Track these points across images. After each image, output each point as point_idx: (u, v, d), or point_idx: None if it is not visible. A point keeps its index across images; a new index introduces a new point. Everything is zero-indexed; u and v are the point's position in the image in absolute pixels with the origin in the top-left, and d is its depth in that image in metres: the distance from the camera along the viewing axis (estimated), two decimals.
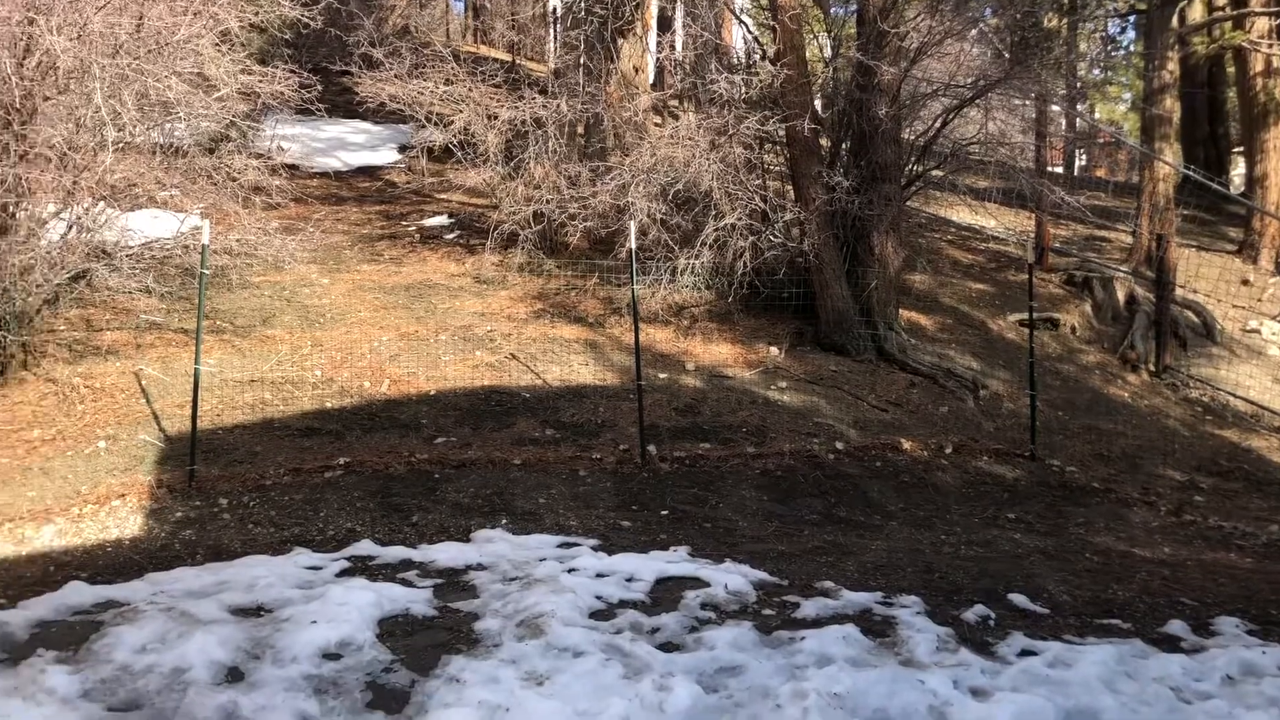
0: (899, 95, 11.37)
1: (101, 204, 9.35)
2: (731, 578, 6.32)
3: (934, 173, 13.07)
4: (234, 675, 4.93)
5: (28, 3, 7.78)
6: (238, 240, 9.95)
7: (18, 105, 8.24)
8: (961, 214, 17.32)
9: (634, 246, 9.33)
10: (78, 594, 5.88)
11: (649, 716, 4.64)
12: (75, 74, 8.46)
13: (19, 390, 8.84)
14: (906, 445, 9.38)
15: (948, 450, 9.47)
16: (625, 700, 4.71)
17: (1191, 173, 16.45)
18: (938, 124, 12.12)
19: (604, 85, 13.52)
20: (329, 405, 9.06)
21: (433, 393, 9.47)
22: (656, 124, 14.95)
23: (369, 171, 17.44)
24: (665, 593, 6.14)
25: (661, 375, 10.19)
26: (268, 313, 10.79)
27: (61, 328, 9.79)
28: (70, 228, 9.13)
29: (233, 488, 7.65)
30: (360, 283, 11.94)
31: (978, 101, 12.35)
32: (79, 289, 9.38)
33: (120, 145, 8.96)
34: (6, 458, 7.93)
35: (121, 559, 6.58)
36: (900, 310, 12.09)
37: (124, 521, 7.16)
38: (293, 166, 13.96)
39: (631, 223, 9.66)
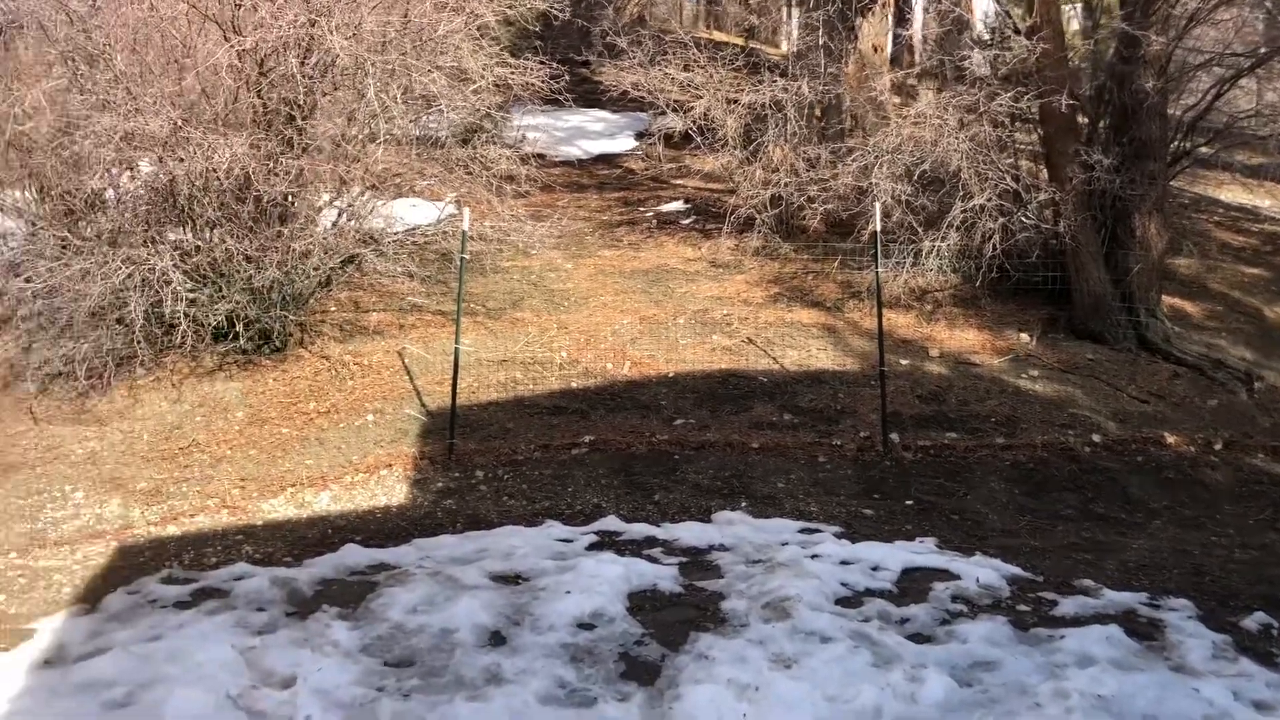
0: (1167, 67, 10.62)
1: (369, 193, 9.98)
2: (983, 571, 6.13)
3: (1203, 149, 12.16)
4: (496, 639, 5.19)
5: (311, 6, 8.39)
6: (491, 227, 10.41)
7: (300, 101, 8.91)
8: (1233, 193, 16.04)
9: (878, 228, 9.14)
10: (353, 556, 6.34)
11: (901, 706, 4.57)
12: (349, 71, 9.07)
13: (297, 366, 9.58)
14: (1170, 439, 8.80)
15: (1217, 446, 8.81)
16: (876, 688, 4.66)
17: None
18: (1209, 96, 11.25)
19: (843, 66, 13.31)
20: (574, 385, 9.36)
21: (671, 375, 9.62)
22: (897, 104, 14.58)
23: (608, 159, 17.85)
24: (913, 583, 6.02)
25: (903, 361, 9.96)
26: (517, 296, 11.24)
27: (333, 308, 10.53)
28: (341, 215, 9.80)
29: (488, 461, 8.03)
30: (601, 267, 12.25)
31: (1255, 71, 11.39)
32: (349, 272, 10.06)
33: (386, 137, 9.55)
34: (287, 428, 8.62)
35: (390, 525, 7.03)
36: (1163, 296, 11.31)
37: (391, 490, 7.65)
38: (539, 155, 14.46)
39: (876, 204, 9.46)
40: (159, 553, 6.57)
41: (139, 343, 8.67)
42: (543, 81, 10.95)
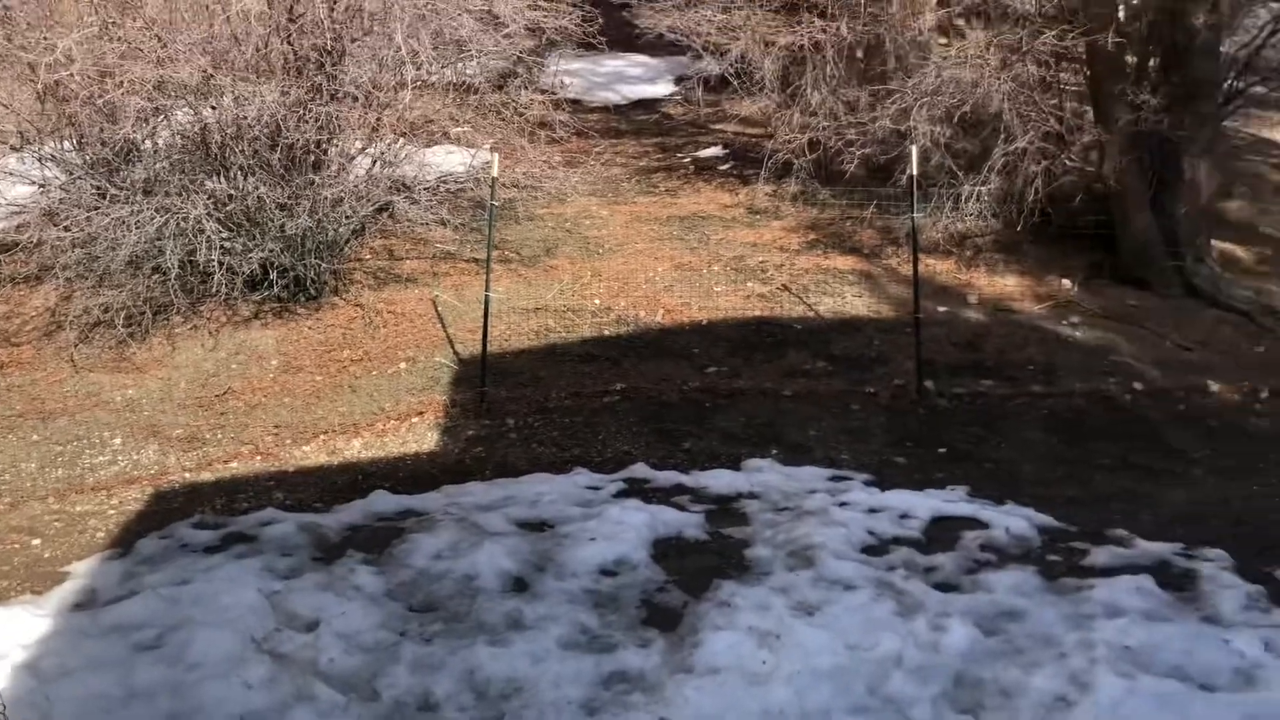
0: (1219, 2, 10.23)
1: (401, 140, 9.95)
2: (1013, 520, 6.05)
3: (1257, 88, 11.73)
4: (519, 585, 5.22)
5: None
6: (524, 174, 10.33)
7: (329, 48, 8.86)
8: None
9: (915, 172, 8.95)
10: (382, 502, 6.40)
11: (923, 655, 4.54)
12: (378, 16, 8.99)
13: (331, 314, 9.63)
14: (1215, 388, 8.59)
15: (1263, 394, 8.58)
16: (898, 636, 4.63)
17: None
18: (1264, 33, 10.83)
19: (886, 4, 12.97)
20: (607, 333, 9.32)
21: (705, 322, 9.54)
22: (942, 43, 14.22)
23: (646, 104, 17.63)
24: (941, 532, 5.96)
25: (941, 308, 9.79)
26: (551, 243, 11.19)
27: (367, 256, 10.55)
28: (374, 163, 9.77)
29: (519, 409, 8.04)
30: (637, 214, 12.15)
31: None
32: (382, 220, 10.05)
33: (418, 84, 9.47)
34: (321, 376, 8.69)
35: (420, 472, 7.08)
36: (1212, 241, 11.00)
37: (422, 437, 7.69)
38: (575, 101, 14.32)
39: (913, 147, 9.25)
40: (192, 498, 6.67)
41: (175, 291, 8.79)
42: (577, 25, 10.80)
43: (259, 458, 7.38)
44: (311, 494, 6.70)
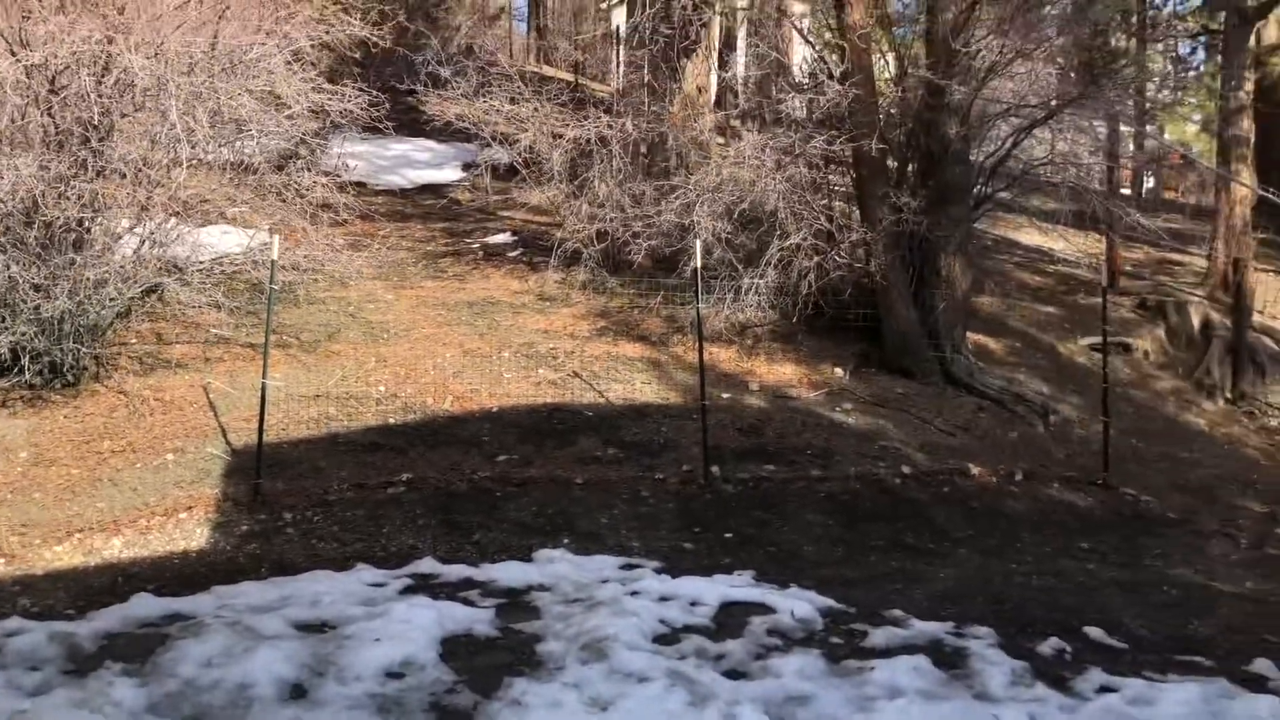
0: (969, 115, 11.19)
1: (174, 219, 9.49)
2: (798, 604, 6.19)
3: (1003, 194, 12.85)
4: (298, 692, 4.91)
5: (108, 23, 7.94)
6: (305, 256, 10.03)
7: (95, 122, 8.40)
8: (1030, 236, 17.02)
9: (699, 265, 9.26)
10: (144, 606, 5.92)
11: None
12: (151, 92, 8.61)
13: (91, 401, 8.98)
14: (975, 471, 9.18)
15: (1017, 477, 9.25)
16: None
17: (1270, 195, 15.95)
18: (1008, 144, 11.92)
19: (668, 104, 13.50)
20: (392, 421, 9.08)
21: (495, 410, 9.46)
22: (720, 143, 14.89)
23: (434, 189, 17.59)
24: (730, 618, 6.02)
25: (725, 395, 10.09)
26: (333, 328, 10.87)
27: (133, 341, 9.94)
28: (143, 242, 9.27)
29: (297, 502, 7.68)
30: (424, 299, 12.00)
31: (1048, 121, 12.13)
32: (150, 303, 9.52)
33: (193, 162, 9.10)
34: (78, 469, 8.05)
35: (188, 571, 6.62)
36: (968, 333, 11.88)
37: (190, 534, 7.21)
38: (359, 184, 14.10)
39: (696, 241, 9.59)
40: None
41: None
42: (362, 109, 10.68)
43: (2, 560, 6.72)
44: (64, 599, 6.13)
